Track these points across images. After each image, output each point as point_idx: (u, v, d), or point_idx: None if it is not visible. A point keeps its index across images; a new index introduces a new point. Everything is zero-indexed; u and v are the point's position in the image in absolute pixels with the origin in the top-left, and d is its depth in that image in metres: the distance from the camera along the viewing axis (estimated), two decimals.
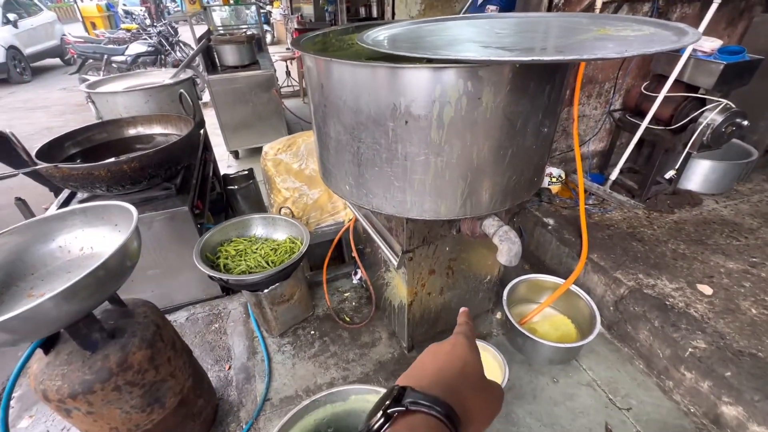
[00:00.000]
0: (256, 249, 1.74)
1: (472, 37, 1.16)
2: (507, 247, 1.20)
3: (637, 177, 2.36)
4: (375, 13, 5.71)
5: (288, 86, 6.49)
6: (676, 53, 1.89)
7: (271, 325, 1.81)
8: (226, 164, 4.22)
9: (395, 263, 1.41)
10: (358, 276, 2.13)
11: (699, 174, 2.27)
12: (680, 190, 2.32)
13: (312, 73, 1.10)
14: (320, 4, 6.15)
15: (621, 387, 1.57)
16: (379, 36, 1.23)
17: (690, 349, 1.43)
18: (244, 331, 1.87)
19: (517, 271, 2.05)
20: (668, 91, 1.92)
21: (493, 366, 1.50)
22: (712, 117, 1.83)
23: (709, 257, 1.85)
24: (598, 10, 1.86)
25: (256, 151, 4.21)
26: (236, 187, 2.84)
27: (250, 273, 1.60)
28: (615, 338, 1.77)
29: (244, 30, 4.53)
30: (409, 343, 1.71)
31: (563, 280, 1.76)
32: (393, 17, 3.83)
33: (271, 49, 6.45)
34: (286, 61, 6.43)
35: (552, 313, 1.81)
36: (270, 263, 1.65)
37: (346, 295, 2.09)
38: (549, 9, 1.83)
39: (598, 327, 1.55)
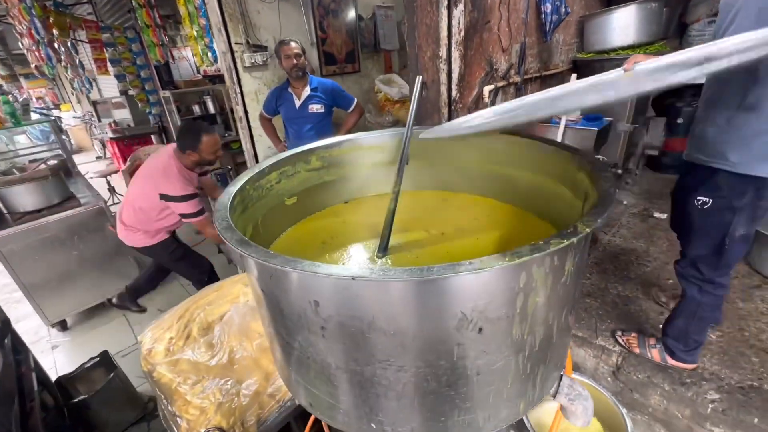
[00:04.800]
0: None
1: None
2: (582, 407, 0.94)
3: None
4: (212, 109, 5.22)
5: (114, 204, 5.22)
6: (549, 123, 2.13)
7: None
8: (48, 343, 2.91)
9: None
10: None
11: None
12: None
13: (285, 283, 0.67)
14: (140, 107, 5.30)
15: None
16: None
17: (710, 405, 1.44)
18: None
19: None
20: None
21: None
22: None
23: (638, 291, 2.03)
24: (486, 99, 1.96)
25: (94, 313, 3.05)
26: (87, 395, 1.86)
27: None
28: (624, 407, 1.69)
29: (40, 161, 3.41)
30: None
31: None
32: (246, 114, 3.48)
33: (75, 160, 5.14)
34: (105, 177, 5.21)
35: None
36: None
37: None
38: (449, 105, 1.82)
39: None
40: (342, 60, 4.16)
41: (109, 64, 5.11)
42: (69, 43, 5.23)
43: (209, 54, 4.30)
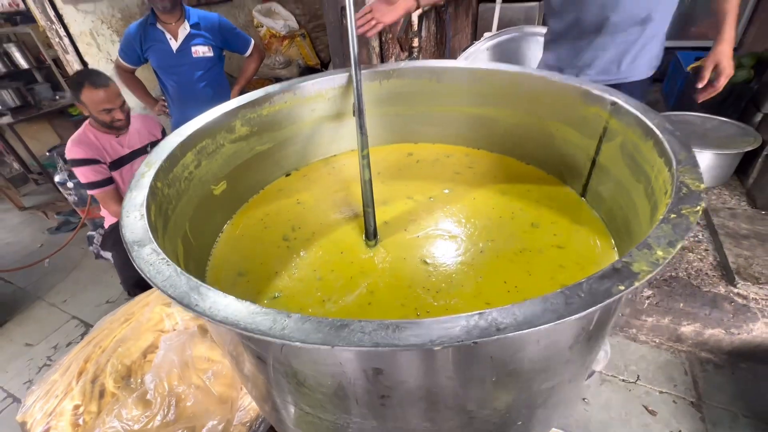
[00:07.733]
0: None
1: None
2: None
3: None
4: (23, 63, 3.79)
5: None
6: None
7: None
8: None
9: None
10: None
11: None
12: None
13: (318, 356, 0.41)
14: None
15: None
16: None
17: (647, 301, 1.65)
18: None
19: None
20: None
21: None
22: None
23: None
24: (415, 26, 1.69)
25: None
26: None
27: None
28: None
29: None
30: None
31: None
32: (84, 66, 2.56)
33: None
34: None
35: None
36: None
37: None
38: (380, 36, 1.52)
39: None
40: None
41: None
42: None
43: None
